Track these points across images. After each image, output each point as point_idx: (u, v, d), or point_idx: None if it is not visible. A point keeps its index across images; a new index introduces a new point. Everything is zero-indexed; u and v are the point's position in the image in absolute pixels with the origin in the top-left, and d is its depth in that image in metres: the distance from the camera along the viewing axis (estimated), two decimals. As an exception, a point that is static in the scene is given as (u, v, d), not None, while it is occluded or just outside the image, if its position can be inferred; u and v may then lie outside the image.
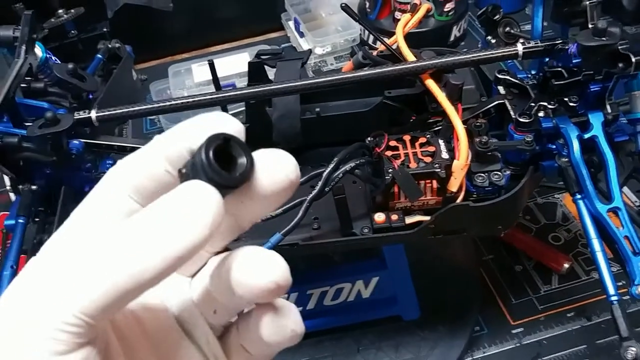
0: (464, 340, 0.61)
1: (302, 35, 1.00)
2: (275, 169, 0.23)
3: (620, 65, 0.45)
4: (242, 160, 0.23)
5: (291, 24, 1.03)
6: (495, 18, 0.67)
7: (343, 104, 0.58)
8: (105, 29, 0.93)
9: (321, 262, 0.60)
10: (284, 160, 0.23)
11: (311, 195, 0.46)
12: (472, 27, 1.01)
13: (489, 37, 0.69)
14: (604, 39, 0.44)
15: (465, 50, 0.81)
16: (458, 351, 0.60)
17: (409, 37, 0.95)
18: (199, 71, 0.94)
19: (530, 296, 0.65)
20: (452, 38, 0.97)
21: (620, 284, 0.47)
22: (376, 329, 0.62)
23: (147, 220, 0.20)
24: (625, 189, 0.66)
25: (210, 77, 0.92)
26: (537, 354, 0.60)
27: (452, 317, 0.62)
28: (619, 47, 0.45)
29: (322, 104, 0.58)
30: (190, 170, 0.22)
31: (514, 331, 0.63)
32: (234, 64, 0.93)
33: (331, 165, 0.47)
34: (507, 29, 0.67)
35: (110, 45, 0.69)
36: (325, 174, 0.46)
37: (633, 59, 0.44)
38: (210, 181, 0.21)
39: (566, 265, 0.65)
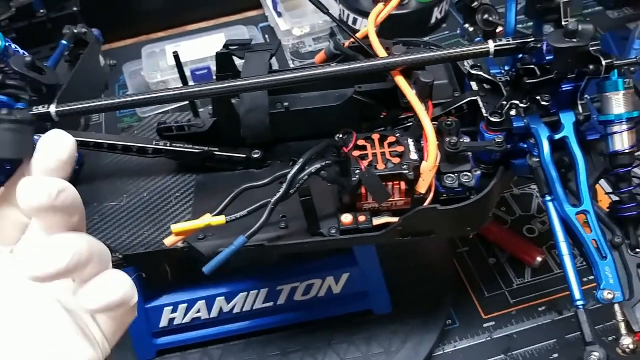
0: (435, 334, 0.60)
1: (280, 15, 0.98)
2: None
3: (592, 67, 0.44)
4: None
5: (269, 2, 1.01)
6: (473, 5, 0.65)
7: (315, 95, 0.57)
8: (75, 8, 0.90)
9: (291, 259, 0.59)
10: None
11: (275, 198, 0.45)
12: (454, 9, 0.99)
13: (467, 25, 0.68)
14: (574, 40, 0.43)
15: (429, 41, 0.78)
16: (429, 345, 0.60)
17: (389, 20, 0.93)
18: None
19: (503, 290, 0.65)
20: (433, 20, 0.95)
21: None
22: (349, 322, 0.62)
23: None
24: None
25: (184, 59, 0.91)
26: (508, 349, 0.60)
27: (425, 310, 0.62)
28: (591, 49, 0.44)
29: (293, 95, 0.56)
30: None
31: (485, 325, 0.63)
32: (209, 46, 0.91)
33: (297, 167, 0.46)
34: (486, 16, 0.65)
35: (76, 31, 0.66)
36: (290, 175, 0.45)
37: (603, 62, 0.43)
38: None
39: (539, 259, 0.65)
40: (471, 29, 0.67)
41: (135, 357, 0.61)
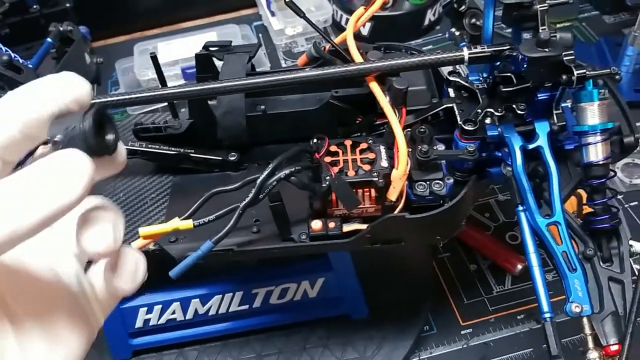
0: (410, 341, 0.60)
1: (273, 14, 0.98)
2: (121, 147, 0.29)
3: (564, 77, 0.43)
4: (112, 134, 0.27)
5: (263, 0, 1.00)
6: (461, 9, 0.65)
7: (295, 98, 0.57)
8: (68, 4, 0.91)
9: (267, 262, 0.59)
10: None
11: (244, 203, 0.45)
12: (448, 10, 0.99)
13: (453, 29, 0.68)
14: (546, 50, 0.42)
15: (412, 46, 0.77)
16: (403, 352, 0.59)
17: (383, 22, 0.93)
18: (165, 50, 0.92)
19: (482, 297, 0.65)
20: (426, 22, 0.95)
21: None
22: (325, 326, 0.61)
23: (30, 181, 0.23)
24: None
25: (175, 57, 0.91)
26: (483, 357, 0.60)
27: (402, 316, 0.62)
28: (564, 59, 0.43)
29: (273, 98, 0.56)
30: (66, 138, 0.25)
31: (462, 332, 0.62)
32: (200, 45, 0.90)
33: (266, 172, 0.45)
34: (473, 20, 0.65)
35: (62, 28, 0.66)
36: (259, 180, 0.45)
37: (575, 73, 0.42)
38: (88, 149, 0.25)
39: (520, 267, 0.65)
40: (457, 33, 0.67)
41: (111, 357, 0.61)
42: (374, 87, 0.48)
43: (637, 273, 0.49)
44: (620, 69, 0.84)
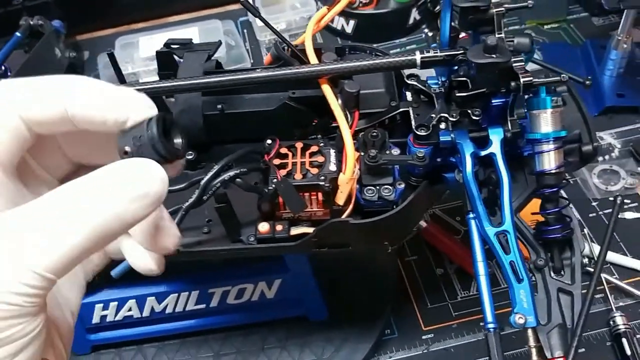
0: (369, 344, 0.60)
1: (257, 10, 0.97)
2: None
3: (513, 84, 0.42)
4: (179, 137, 0.28)
5: (249, -4, 1.00)
6: (435, 10, 0.64)
7: (259, 97, 0.56)
8: (50, -3, 0.90)
9: (223, 261, 0.58)
10: None
11: (187, 204, 0.45)
12: (434, 9, 0.97)
13: (427, 30, 0.67)
14: (493, 56, 0.41)
15: (378, 48, 0.77)
16: (362, 355, 0.59)
17: (367, 19, 0.92)
18: (147, 45, 0.91)
19: (446, 301, 0.64)
20: (411, 21, 0.93)
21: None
22: (285, 327, 0.61)
23: (111, 194, 0.24)
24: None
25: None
26: (443, 363, 0.60)
27: (363, 318, 0.61)
28: (513, 65, 0.42)
29: (236, 96, 0.56)
30: (135, 148, 0.26)
31: (424, 337, 0.62)
32: (181, 39, 0.90)
33: (210, 173, 0.45)
34: (447, 21, 0.64)
35: (32, 22, 0.66)
36: (203, 181, 0.45)
37: (521, 80, 0.41)
38: (158, 156, 0.26)
39: (485, 272, 0.64)
40: (430, 34, 0.66)
41: (71, 351, 0.61)
42: (326, 89, 0.47)
43: (593, 280, 0.48)
44: (604, 72, 0.83)
